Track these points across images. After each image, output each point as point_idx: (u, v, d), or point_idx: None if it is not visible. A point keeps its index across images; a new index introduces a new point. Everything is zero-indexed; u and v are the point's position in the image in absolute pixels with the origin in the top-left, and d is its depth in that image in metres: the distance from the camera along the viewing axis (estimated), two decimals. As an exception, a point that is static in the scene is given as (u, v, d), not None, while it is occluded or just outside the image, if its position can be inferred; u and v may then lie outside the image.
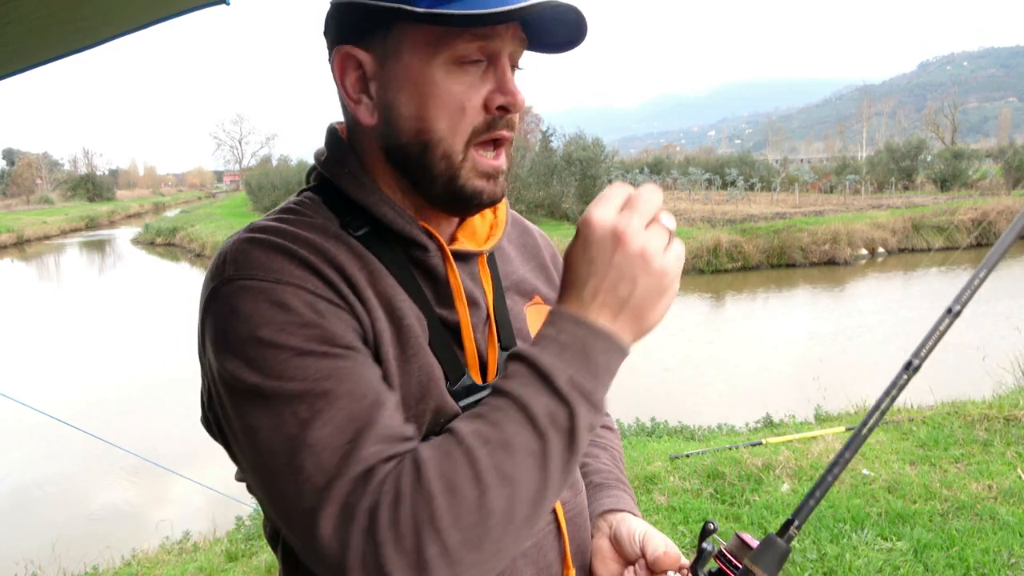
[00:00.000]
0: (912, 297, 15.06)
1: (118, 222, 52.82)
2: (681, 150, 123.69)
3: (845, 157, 47.70)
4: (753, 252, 19.44)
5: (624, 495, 1.02)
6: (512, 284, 0.96)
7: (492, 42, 0.76)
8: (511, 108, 0.79)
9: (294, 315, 0.70)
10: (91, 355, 12.42)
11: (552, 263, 1.06)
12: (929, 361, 0.88)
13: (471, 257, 0.88)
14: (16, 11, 1.42)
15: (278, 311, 0.70)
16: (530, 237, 1.05)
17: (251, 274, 0.71)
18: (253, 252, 0.73)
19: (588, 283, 0.71)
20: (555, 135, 27.52)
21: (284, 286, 0.71)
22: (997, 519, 3.50)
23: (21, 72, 1.82)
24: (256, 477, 0.71)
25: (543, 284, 1.01)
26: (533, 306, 0.97)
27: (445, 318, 0.84)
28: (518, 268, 0.99)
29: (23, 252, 34.04)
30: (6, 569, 4.67)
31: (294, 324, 0.69)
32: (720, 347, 11.74)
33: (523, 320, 0.94)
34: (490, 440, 0.66)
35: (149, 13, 1.64)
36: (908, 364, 0.93)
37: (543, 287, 1.00)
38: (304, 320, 0.70)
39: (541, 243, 1.07)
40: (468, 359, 0.84)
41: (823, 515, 3.62)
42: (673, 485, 4.19)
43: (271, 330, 0.69)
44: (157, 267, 27.45)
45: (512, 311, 0.93)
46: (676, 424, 6.14)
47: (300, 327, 0.69)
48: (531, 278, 0.99)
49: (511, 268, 0.97)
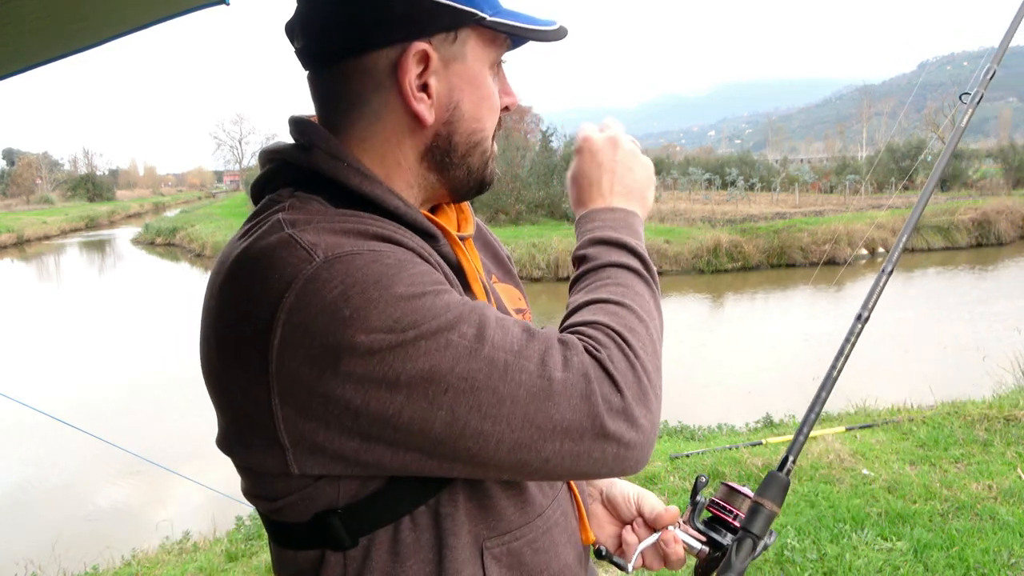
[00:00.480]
0: (912, 297, 15.06)
1: (118, 222, 52.81)
2: (681, 150, 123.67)
3: (845, 157, 47.69)
4: (753, 252, 19.45)
5: None
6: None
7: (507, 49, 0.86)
8: (512, 107, 0.89)
9: (408, 270, 0.69)
10: (91, 355, 12.42)
11: (491, 238, 1.10)
12: (929, 361, 0.90)
13: (464, 241, 0.92)
14: (16, 11, 1.42)
15: (394, 270, 0.68)
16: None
17: (345, 251, 0.68)
18: (328, 236, 0.69)
19: (603, 181, 0.93)
20: (555, 135, 27.52)
21: (380, 254, 0.69)
22: (997, 519, 3.50)
23: (21, 72, 1.82)
24: (471, 425, 0.68)
25: (493, 263, 1.05)
26: (496, 284, 1.01)
27: None
28: (476, 249, 1.03)
29: (23, 252, 34.04)
30: (6, 569, 4.67)
31: (414, 275, 0.69)
32: (720, 347, 11.74)
33: (499, 296, 0.97)
34: (626, 294, 0.81)
35: (149, 13, 1.64)
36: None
37: (493, 266, 1.04)
38: (421, 271, 0.70)
39: (479, 223, 1.10)
40: None
41: (823, 515, 3.62)
42: (673, 485, 4.19)
43: (398, 284, 0.67)
44: (157, 267, 27.45)
45: (491, 289, 0.97)
46: (676, 424, 6.14)
47: (421, 276, 0.69)
48: (484, 258, 1.03)
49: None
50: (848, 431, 4.96)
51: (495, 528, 0.80)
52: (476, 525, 0.79)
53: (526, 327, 0.73)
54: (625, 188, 0.92)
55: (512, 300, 1.00)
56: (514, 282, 1.05)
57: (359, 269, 0.67)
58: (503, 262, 1.06)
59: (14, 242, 36.61)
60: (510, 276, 1.05)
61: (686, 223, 22.58)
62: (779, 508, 0.96)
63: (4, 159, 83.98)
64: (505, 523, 0.80)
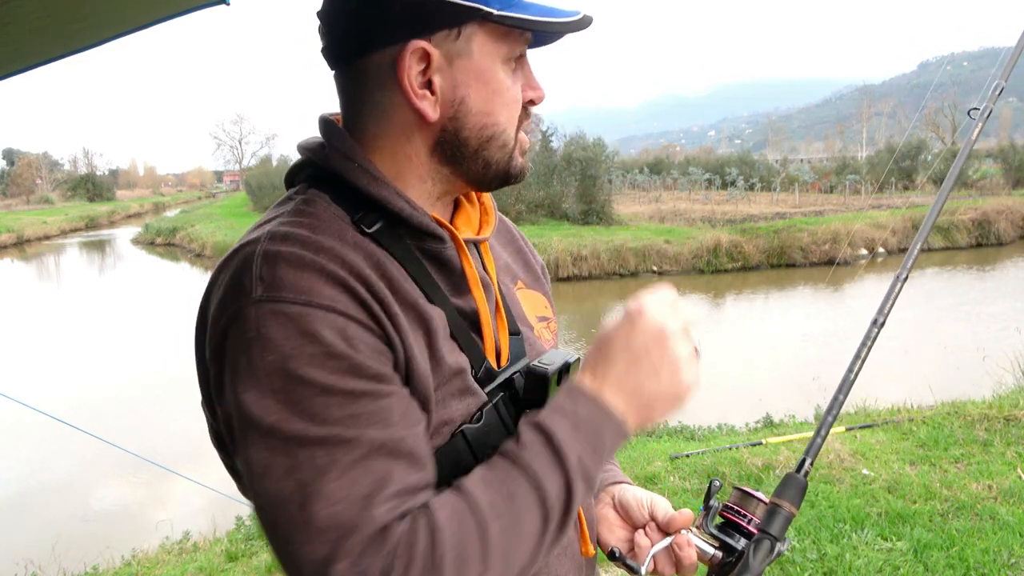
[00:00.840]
0: (912, 297, 15.06)
1: (118, 222, 52.81)
2: (681, 150, 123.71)
3: (845, 157, 47.68)
4: (753, 252, 19.45)
5: (616, 469, 1.08)
6: (501, 267, 0.99)
7: (527, 43, 0.85)
8: (538, 101, 0.88)
9: (322, 345, 0.68)
10: (91, 355, 12.42)
11: (524, 244, 1.09)
12: (929, 361, 0.90)
13: (477, 245, 0.92)
14: (16, 11, 1.42)
15: (307, 342, 0.68)
16: (504, 224, 1.08)
17: (280, 296, 0.69)
18: (280, 268, 0.71)
19: (618, 366, 0.77)
20: (555, 135, 27.51)
21: (314, 309, 0.69)
22: (997, 519, 3.50)
23: (21, 72, 1.82)
24: (263, 516, 0.70)
25: (522, 269, 1.04)
26: (519, 290, 1.00)
27: (462, 308, 0.86)
28: (501, 253, 1.02)
29: (23, 252, 34.04)
30: (6, 569, 4.67)
31: (322, 355, 0.68)
32: (720, 347, 11.73)
33: (518, 303, 0.98)
34: (503, 515, 0.69)
35: (149, 13, 1.64)
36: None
37: (522, 272, 1.03)
38: (333, 351, 0.69)
39: (512, 229, 1.10)
40: (486, 345, 0.87)
41: (823, 515, 3.63)
42: (673, 485, 4.19)
43: (297, 363, 0.67)
44: (157, 267, 27.45)
45: (508, 295, 0.96)
46: (676, 424, 6.14)
47: (328, 358, 0.68)
48: (512, 263, 1.03)
49: (496, 253, 0.99)
50: (848, 431, 4.96)
51: None
52: None
53: (374, 494, 0.66)
54: (636, 391, 0.77)
55: (537, 308, 1.02)
56: (542, 290, 1.05)
57: (269, 327, 0.68)
58: (532, 269, 1.06)
59: (14, 242, 36.61)
60: (538, 284, 1.05)
61: (686, 223, 22.59)
62: (797, 510, 0.95)
63: (4, 159, 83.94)
64: None
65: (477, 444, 0.80)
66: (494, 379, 0.86)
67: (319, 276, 0.71)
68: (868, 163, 38.20)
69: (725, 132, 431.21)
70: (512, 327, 0.92)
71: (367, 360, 0.70)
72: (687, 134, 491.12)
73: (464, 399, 0.82)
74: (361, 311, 0.72)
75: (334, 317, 0.70)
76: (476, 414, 0.82)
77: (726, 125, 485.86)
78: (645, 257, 19.11)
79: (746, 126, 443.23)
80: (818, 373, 7.91)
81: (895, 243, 20.85)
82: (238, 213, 39.06)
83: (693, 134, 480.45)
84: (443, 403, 0.79)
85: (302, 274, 0.71)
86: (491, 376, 0.86)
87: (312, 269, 0.71)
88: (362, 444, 0.68)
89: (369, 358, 0.71)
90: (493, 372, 0.86)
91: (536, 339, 0.97)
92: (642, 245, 19.30)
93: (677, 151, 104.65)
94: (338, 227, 0.78)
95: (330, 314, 0.70)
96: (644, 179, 38.72)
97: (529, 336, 0.96)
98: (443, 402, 0.79)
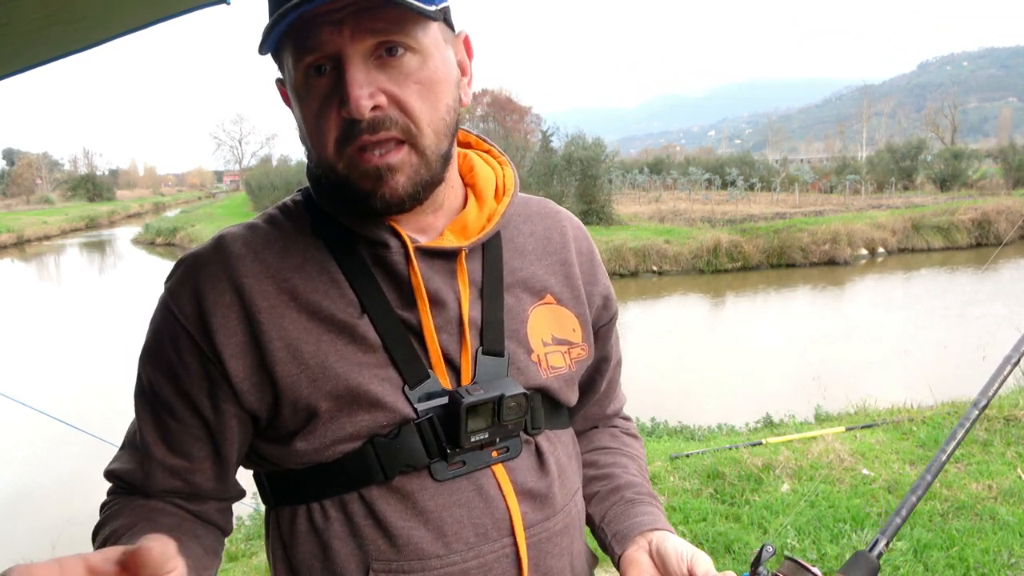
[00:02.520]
0: (912, 297, 15.06)
1: (118, 222, 52.76)
2: (681, 150, 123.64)
3: (845, 157, 47.65)
4: (753, 252, 19.43)
5: (658, 512, 0.99)
6: (518, 280, 0.91)
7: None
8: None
9: (159, 347, 0.86)
10: (91, 355, 12.41)
11: (579, 258, 0.99)
12: (929, 361, 0.88)
13: (449, 254, 0.85)
14: (16, 11, 1.42)
15: (154, 326, 0.87)
16: (559, 232, 0.99)
17: (167, 288, 0.87)
18: (186, 270, 0.86)
19: None
20: (555, 135, 27.49)
21: (174, 295, 0.85)
22: (997, 519, 3.50)
23: (21, 72, 1.82)
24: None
25: (558, 283, 0.95)
26: (543, 306, 0.92)
27: (407, 319, 0.83)
28: (530, 264, 0.93)
29: (23, 252, 34.02)
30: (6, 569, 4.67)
31: (154, 352, 0.86)
32: (720, 347, 11.73)
33: (522, 320, 0.90)
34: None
35: (149, 13, 1.64)
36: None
37: (558, 285, 0.95)
38: (162, 355, 0.85)
39: (571, 236, 1.00)
40: (432, 361, 0.83)
41: (823, 515, 3.62)
42: (673, 485, 4.19)
43: (145, 349, 0.88)
44: (157, 267, 27.44)
45: (512, 310, 0.89)
46: (676, 424, 6.14)
47: (156, 357, 0.86)
48: (544, 274, 0.94)
49: (520, 263, 0.92)
50: (848, 431, 4.96)
51: (382, 554, 0.82)
52: (364, 542, 0.82)
53: (132, 472, 0.89)
54: None
55: (555, 328, 0.93)
56: (577, 311, 0.96)
57: (157, 310, 0.87)
58: (574, 284, 0.96)
59: (14, 242, 36.58)
60: (576, 303, 0.96)
61: (686, 223, 22.57)
62: None
63: (4, 159, 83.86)
64: (392, 553, 0.82)
65: (386, 457, 0.81)
66: (434, 398, 0.82)
67: (191, 278, 0.85)
68: (868, 163, 38.18)
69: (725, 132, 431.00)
70: (489, 345, 0.86)
71: (178, 374, 0.86)
72: (687, 134, 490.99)
73: (372, 412, 0.80)
74: (198, 327, 0.83)
75: (168, 322, 0.85)
76: (391, 429, 0.81)
77: (726, 125, 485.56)
78: (645, 257, 19.10)
79: (746, 126, 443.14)
80: (818, 373, 7.92)
81: (895, 243, 20.85)
82: (238, 213, 39.04)
83: (693, 134, 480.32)
84: (336, 414, 0.81)
85: (189, 276, 0.86)
86: (432, 395, 0.82)
87: (194, 269, 0.86)
88: (142, 433, 0.92)
89: (181, 373, 0.85)
90: (435, 391, 0.83)
91: (531, 363, 0.89)
92: (642, 245, 19.28)
93: (677, 151, 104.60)
94: (290, 228, 0.86)
95: (166, 320, 0.86)
96: (644, 179, 38.70)
97: (519, 358, 0.88)
98: (337, 413, 0.81)
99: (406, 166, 0.78)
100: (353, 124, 0.75)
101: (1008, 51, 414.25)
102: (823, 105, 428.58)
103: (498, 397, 0.81)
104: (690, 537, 3.52)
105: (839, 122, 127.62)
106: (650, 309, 15.34)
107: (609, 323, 1.03)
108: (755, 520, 3.67)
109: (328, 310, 0.81)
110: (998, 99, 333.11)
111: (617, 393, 1.13)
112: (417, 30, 0.76)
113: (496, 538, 0.84)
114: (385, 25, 0.74)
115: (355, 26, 0.73)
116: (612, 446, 1.08)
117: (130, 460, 0.88)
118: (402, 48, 0.76)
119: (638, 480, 1.03)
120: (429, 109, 0.78)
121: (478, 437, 0.82)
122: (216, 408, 0.83)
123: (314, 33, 0.73)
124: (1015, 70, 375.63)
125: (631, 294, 16.35)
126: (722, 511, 3.82)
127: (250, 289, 0.81)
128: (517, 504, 0.85)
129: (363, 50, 0.74)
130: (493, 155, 0.98)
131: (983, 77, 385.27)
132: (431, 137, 0.79)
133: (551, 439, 0.93)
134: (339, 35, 0.73)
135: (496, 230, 0.89)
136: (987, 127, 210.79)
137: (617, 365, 1.10)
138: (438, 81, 0.78)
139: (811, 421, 5.81)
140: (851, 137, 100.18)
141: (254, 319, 0.81)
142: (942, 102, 78.40)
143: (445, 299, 0.84)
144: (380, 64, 0.75)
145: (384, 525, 0.81)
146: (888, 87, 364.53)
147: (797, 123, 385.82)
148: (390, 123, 0.76)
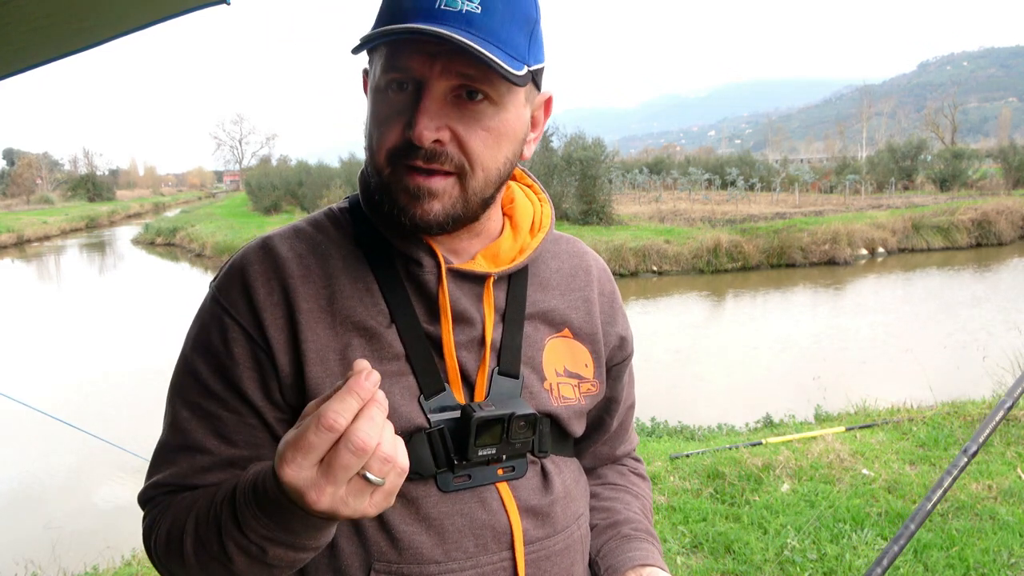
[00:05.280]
0: (912, 297, 15.06)
1: (118, 222, 52.76)
2: (681, 150, 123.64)
3: (845, 157, 47.65)
4: (753, 252, 19.42)
5: (654, 549, 1.02)
6: (539, 312, 0.95)
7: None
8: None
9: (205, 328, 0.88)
10: (91, 355, 12.41)
11: (600, 298, 1.02)
12: (929, 361, 0.88)
13: (478, 278, 0.89)
14: (16, 11, 1.42)
15: (202, 320, 0.89)
16: (583, 270, 1.03)
17: (214, 285, 0.89)
18: (235, 260, 0.89)
19: None
20: (555, 135, 27.49)
21: (222, 295, 0.87)
22: (997, 519, 3.50)
23: (21, 72, 1.82)
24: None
25: (578, 318, 0.98)
26: (559, 338, 0.96)
27: (431, 333, 0.87)
28: (553, 298, 0.97)
29: (23, 252, 34.02)
30: (6, 569, 4.67)
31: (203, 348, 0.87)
32: (720, 347, 11.72)
33: (538, 349, 0.93)
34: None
35: (149, 13, 1.64)
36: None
37: (576, 321, 0.98)
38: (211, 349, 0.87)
39: (596, 276, 1.04)
40: (450, 376, 0.87)
41: (823, 515, 3.62)
42: (673, 485, 4.19)
43: (189, 345, 0.90)
44: (157, 267, 27.44)
45: (530, 338, 0.93)
46: (676, 424, 6.14)
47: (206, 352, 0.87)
48: (564, 309, 0.97)
49: (543, 296, 0.96)
50: (848, 431, 4.96)
51: (384, 555, 0.84)
52: (368, 542, 0.84)
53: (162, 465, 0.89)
54: None
55: (568, 361, 0.96)
56: (592, 348, 0.99)
57: (203, 307, 0.90)
58: (592, 322, 0.99)
59: (14, 242, 36.58)
60: (592, 340, 0.99)
61: (686, 223, 22.57)
62: None
63: (4, 159, 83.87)
64: (393, 555, 0.84)
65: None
66: (447, 411, 0.85)
67: (240, 279, 0.87)
68: (868, 163, 38.18)
69: (725, 132, 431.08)
70: (506, 367, 0.89)
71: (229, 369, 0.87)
72: (687, 134, 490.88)
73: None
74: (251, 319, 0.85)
75: (220, 318, 0.87)
76: (403, 436, 0.82)
77: (726, 125, 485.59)
78: (645, 257, 19.09)
79: (746, 126, 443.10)
80: (818, 373, 7.92)
81: (895, 243, 20.84)
82: (238, 213, 39.05)
83: (693, 134, 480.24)
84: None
85: (235, 274, 0.88)
86: (445, 408, 0.85)
87: (240, 272, 0.88)
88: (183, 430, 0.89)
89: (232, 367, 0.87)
90: (449, 405, 0.86)
91: (543, 390, 0.93)
92: (642, 245, 19.27)
93: (677, 151, 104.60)
94: (336, 237, 0.89)
95: (217, 315, 0.87)
96: (644, 179, 38.70)
97: (532, 384, 0.92)
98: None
99: (446, 196, 0.81)
100: (412, 146, 0.78)
101: (1008, 51, 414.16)
102: (823, 105, 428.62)
103: (508, 415, 0.84)
104: (690, 537, 3.52)
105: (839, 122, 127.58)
106: (650, 309, 15.34)
107: (623, 363, 1.06)
108: (755, 520, 3.67)
109: (359, 316, 0.85)
110: (998, 99, 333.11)
111: (628, 436, 1.17)
112: (502, 85, 0.79)
113: (495, 550, 0.87)
114: (474, 72, 0.77)
115: (447, 64, 0.76)
116: (618, 483, 1.12)
117: (175, 465, 0.87)
118: (482, 95, 0.79)
119: (637, 517, 1.06)
120: (489, 156, 0.81)
121: (485, 452, 0.84)
122: (268, 398, 0.85)
123: (408, 54, 0.77)
124: (1015, 70, 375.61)
125: (631, 294, 16.35)
126: (722, 511, 3.82)
127: (294, 290, 0.85)
128: (519, 519, 0.88)
129: (446, 87, 0.78)
130: (535, 191, 1.03)
131: (983, 77, 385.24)
132: (481, 182, 0.82)
133: (557, 463, 0.96)
134: (430, 67, 0.77)
135: (526, 263, 0.93)
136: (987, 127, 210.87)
137: (630, 409, 1.13)
138: (505, 133, 0.82)
139: (811, 421, 5.81)
140: (851, 137, 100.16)
141: (295, 320, 0.84)
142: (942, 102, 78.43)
143: (469, 319, 0.88)
144: (457, 103, 0.79)
145: (388, 527, 0.84)
146: (888, 87, 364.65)
147: (797, 123, 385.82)
148: (445, 158, 0.79)
